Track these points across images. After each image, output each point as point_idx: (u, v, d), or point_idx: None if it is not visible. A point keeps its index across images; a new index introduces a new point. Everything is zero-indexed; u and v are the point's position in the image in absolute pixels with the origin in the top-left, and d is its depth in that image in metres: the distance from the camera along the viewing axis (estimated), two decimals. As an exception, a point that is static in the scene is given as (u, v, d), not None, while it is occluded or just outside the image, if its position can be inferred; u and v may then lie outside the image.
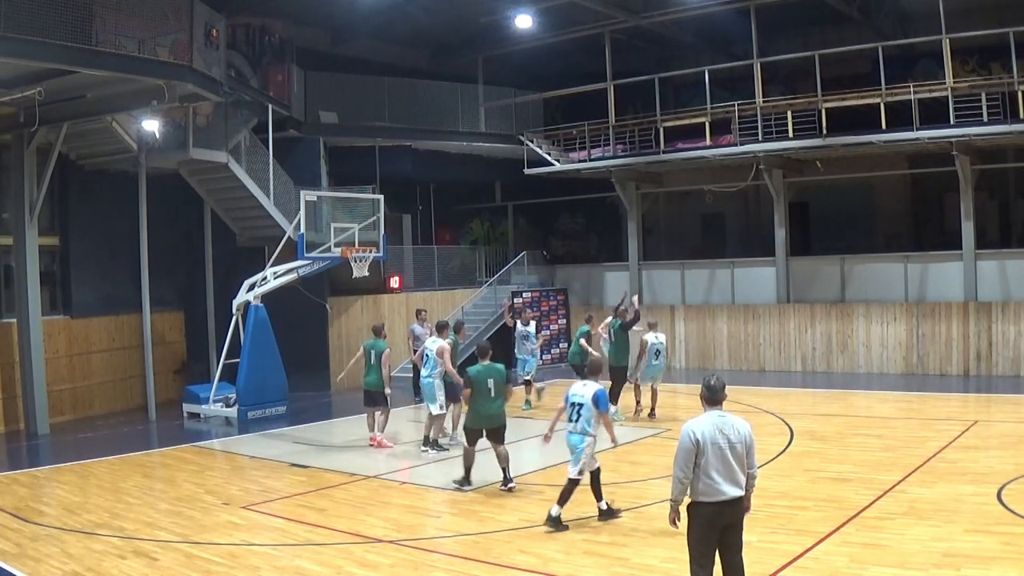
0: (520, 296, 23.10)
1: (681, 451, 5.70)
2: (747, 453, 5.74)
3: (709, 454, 5.62)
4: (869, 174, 20.90)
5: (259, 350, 16.03)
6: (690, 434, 5.67)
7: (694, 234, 25.10)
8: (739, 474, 5.69)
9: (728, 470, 5.64)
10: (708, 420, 5.73)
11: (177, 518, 9.54)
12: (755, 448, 5.83)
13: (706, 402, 5.86)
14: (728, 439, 5.66)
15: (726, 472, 5.63)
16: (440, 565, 7.75)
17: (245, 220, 19.28)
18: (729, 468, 5.64)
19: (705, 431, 5.66)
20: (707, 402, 5.85)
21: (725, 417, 5.76)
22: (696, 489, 5.69)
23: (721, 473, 5.62)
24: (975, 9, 18.73)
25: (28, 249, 15.18)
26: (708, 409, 5.82)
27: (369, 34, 21.67)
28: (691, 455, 5.64)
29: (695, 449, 5.63)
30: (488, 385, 9.93)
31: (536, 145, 22.70)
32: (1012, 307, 17.87)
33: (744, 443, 5.72)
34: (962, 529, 7.98)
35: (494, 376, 9.99)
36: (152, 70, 13.44)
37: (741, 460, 5.71)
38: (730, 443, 5.66)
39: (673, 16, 20.51)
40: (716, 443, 5.64)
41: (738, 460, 5.69)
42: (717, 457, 5.63)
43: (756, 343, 20.91)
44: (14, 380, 15.70)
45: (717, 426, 5.69)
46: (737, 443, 5.69)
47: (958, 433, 12.18)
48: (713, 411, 5.79)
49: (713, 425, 5.69)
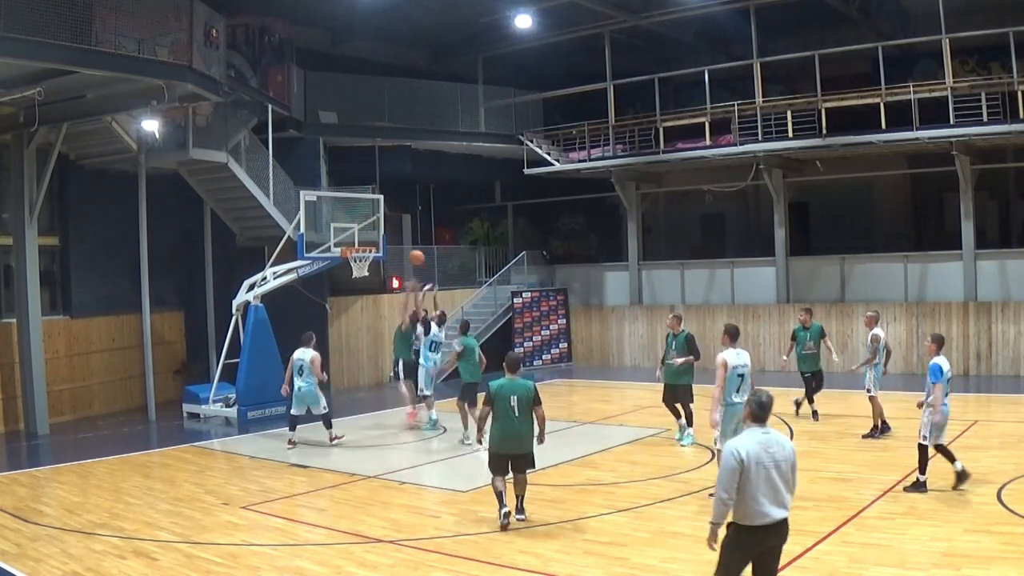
0: (520, 296, 23.11)
1: (725, 471, 5.31)
2: (791, 472, 5.40)
3: (754, 475, 5.25)
4: (869, 174, 20.91)
5: (259, 350, 16.02)
6: (734, 453, 5.30)
7: (694, 234, 25.11)
8: (785, 495, 5.34)
9: (774, 492, 5.29)
10: (753, 438, 5.37)
11: (177, 518, 9.53)
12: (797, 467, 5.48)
13: (753, 419, 5.47)
14: (774, 458, 5.31)
15: (771, 494, 5.28)
16: (440, 565, 7.75)
17: (245, 220, 19.28)
18: (775, 489, 5.29)
19: (750, 450, 5.29)
20: (754, 419, 5.47)
21: (770, 434, 5.41)
22: (740, 512, 5.32)
23: (767, 495, 5.26)
24: (975, 9, 18.75)
25: (28, 249, 15.18)
26: (752, 426, 5.46)
27: (369, 34, 21.68)
28: (736, 475, 5.25)
29: (740, 469, 5.25)
30: (511, 403, 8.65)
31: (536, 145, 22.71)
32: (1012, 307, 17.87)
33: (788, 462, 5.37)
34: (962, 529, 7.98)
35: (519, 392, 8.70)
36: (152, 70, 13.43)
37: (787, 480, 5.35)
38: (776, 463, 5.31)
39: (673, 16, 20.53)
40: (761, 463, 5.28)
41: (784, 481, 5.33)
42: (762, 478, 5.26)
43: (756, 343, 20.89)
44: (14, 380, 15.70)
45: (763, 444, 5.34)
46: (783, 462, 5.34)
47: (958, 433, 12.16)
48: (758, 428, 5.43)
49: (759, 444, 5.33)
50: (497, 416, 8.69)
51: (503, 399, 8.64)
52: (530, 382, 8.87)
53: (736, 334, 9.60)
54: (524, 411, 8.67)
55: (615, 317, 23.20)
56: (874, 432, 12.32)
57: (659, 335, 22.08)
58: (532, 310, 23.27)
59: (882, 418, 12.47)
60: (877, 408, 12.44)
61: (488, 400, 8.74)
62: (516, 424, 8.65)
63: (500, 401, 8.65)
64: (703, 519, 8.74)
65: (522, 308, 23.08)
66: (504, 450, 8.72)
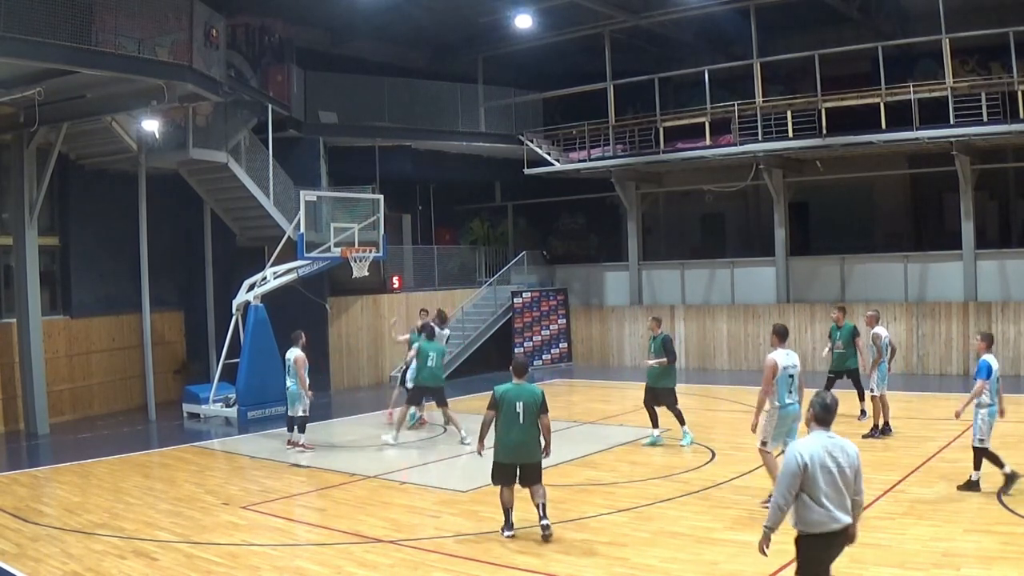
0: (520, 296, 23.12)
1: (786, 475, 5.18)
2: (855, 477, 5.27)
3: (819, 479, 5.13)
4: (869, 174, 20.90)
5: (259, 350, 16.02)
6: (797, 457, 5.15)
7: (694, 234, 25.11)
8: (848, 500, 5.23)
9: (839, 496, 5.17)
10: (817, 441, 5.23)
11: (177, 518, 9.53)
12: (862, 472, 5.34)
13: (817, 422, 5.32)
14: (838, 462, 5.19)
15: (837, 499, 5.16)
16: (440, 565, 7.75)
17: (245, 220, 19.29)
18: (840, 494, 5.18)
19: (814, 453, 5.16)
20: (818, 422, 5.32)
21: (834, 438, 5.28)
22: (807, 519, 5.17)
23: (832, 500, 5.14)
24: (975, 9, 18.74)
25: (28, 249, 15.18)
26: (816, 429, 5.32)
27: (369, 34, 21.68)
28: (797, 479, 5.12)
29: (801, 474, 5.12)
30: (516, 409, 8.20)
31: (536, 145, 22.71)
32: (1012, 307, 17.88)
33: (852, 467, 5.24)
34: (962, 529, 7.98)
35: (524, 398, 8.25)
36: (152, 70, 13.43)
37: (850, 485, 5.23)
38: (839, 467, 5.19)
39: (673, 16, 20.52)
40: (826, 467, 5.15)
41: (847, 485, 5.21)
42: (828, 482, 5.14)
43: (756, 343, 20.90)
44: (14, 380, 15.70)
45: (826, 448, 5.20)
46: (847, 467, 5.21)
47: (958, 433, 12.16)
48: (822, 432, 5.29)
49: (823, 447, 5.20)
50: (501, 423, 8.27)
51: (509, 405, 8.23)
52: (538, 388, 8.46)
53: (785, 334, 9.27)
54: (530, 418, 8.22)
55: (615, 317, 23.20)
56: (874, 432, 12.31)
57: (659, 335, 22.10)
58: (532, 310, 23.28)
59: (886, 419, 12.45)
60: (878, 408, 12.41)
61: (492, 405, 8.33)
62: (521, 432, 8.22)
63: (505, 407, 8.24)
64: (703, 519, 8.79)
65: (522, 308, 23.09)
66: (508, 459, 8.29)
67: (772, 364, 8.94)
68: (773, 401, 8.99)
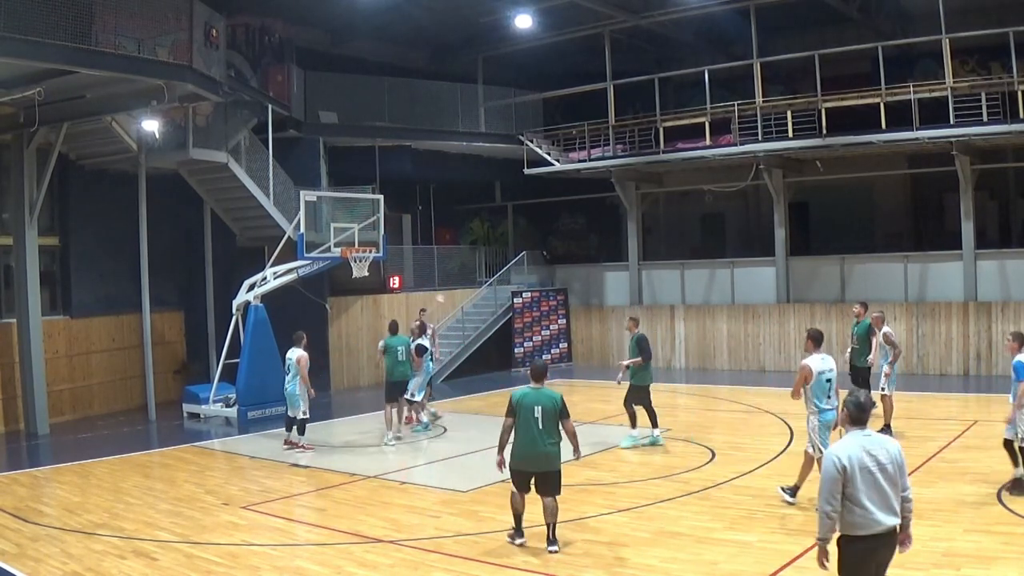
0: (520, 296, 23.12)
1: (827, 481, 5.06)
2: (899, 474, 5.13)
3: (859, 480, 4.99)
4: (869, 174, 20.90)
5: (259, 350, 16.03)
6: (835, 460, 5.03)
7: (694, 234, 25.11)
8: (893, 500, 5.06)
9: (882, 496, 5.02)
10: (854, 442, 5.11)
11: (177, 518, 9.54)
12: (906, 468, 5.21)
13: (852, 422, 5.21)
14: (877, 460, 5.05)
15: (880, 499, 5.01)
16: (440, 565, 7.75)
17: (245, 220, 19.29)
18: (883, 494, 5.02)
19: (852, 455, 5.03)
20: (853, 422, 5.21)
21: (871, 436, 5.15)
22: (848, 522, 5.04)
23: (874, 501, 5.00)
24: (975, 9, 18.74)
25: (28, 249, 15.19)
26: (851, 429, 5.20)
27: (369, 34, 21.67)
28: (838, 484, 4.99)
29: (842, 477, 4.99)
30: (535, 414, 7.85)
31: (536, 145, 22.71)
32: (1012, 307, 17.87)
33: (895, 463, 5.10)
34: (962, 529, 7.98)
35: (543, 403, 7.90)
36: (152, 70, 13.43)
37: (894, 483, 5.08)
38: (880, 465, 5.05)
39: (673, 16, 20.51)
40: (865, 467, 5.02)
41: (891, 484, 5.06)
42: (868, 483, 5.00)
43: (756, 343, 20.91)
44: (14, 380, 15.71)
45: (864, 447, 5.07)
46: (888, 464, 5.07)
47: (958, 433, 12.18)
48: (857, 431, 5.17)
49: (860, 447, 5.07)
50: (519, 429, 7.94)
51: (526, 410, 7.90)
52: (557, 393, 8.07)
53: (820, 339, 9.08)
54: (549, 424, 7.88)
55: (615, 317, 23.18)
56: (884, 430, 12.26)
57: (659, 335, 22.13)
58: (532, 310, 23.27)
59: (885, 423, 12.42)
60: (889, 406, 12.36)
61: (510, 411, 8.00)
62: (539, 439, 7.87)
63: (523, 412, 7.91)
64: (703, 519, 8.79)
65: (522, 308, 23.08)
66: (525, 467, 7.98)
67: (806, 369, 8.71)
68: (810, 406, 8.83)
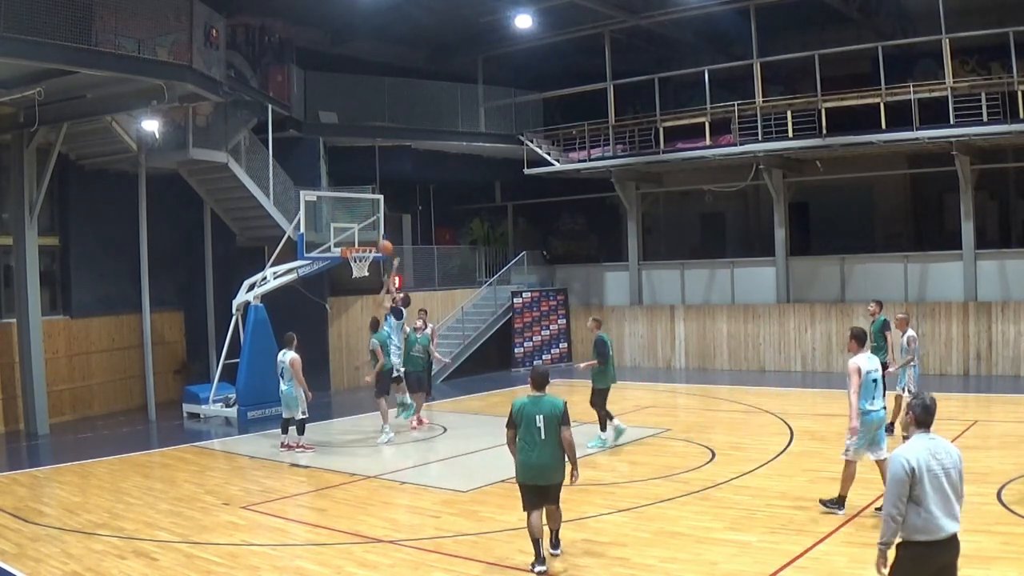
0: (520, 296, 23.13)
1: (895, 484, 4.89)
2: (960, 481, 5.00)
3: (926, 484, 4.85)
4: (869, 174, 20.90)
5: (259, 350, 16.01)
6: (904, 463, 4.87)
7: (694, 234, 25.11)
8: (955, 506, 4.94)
9: (945, 502, 4.89)
10: (921, 445, 4.96)
11: (177, 518, 9.54)
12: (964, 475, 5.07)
13: (918, 425, 5.06)
14: (943, 465, 4.91)
15: (943, 504, 4.88)
16: (440, 565, 7.75)
17: (245, 220, 19.29)
18: (946, 499, 4.89)
19: (920, 458, 4.88)
20: (919, 424, 5.06)
21: (936, 440, 5.01)
22: (911, 525, 4.88)
23: (939, 505, 4.86)
24: (975, 9, 18.75)
25: (28, 249, 15.18)
26: (917, 432, 5.06)
27: (369, 34, 21.68)
28: (906, 487, 4.84)
29: (910, 480, 4.84)
30: (536, 423, 7.37)
31: (536, 145, 22.71)
32: (1012, 307, 17.87)
33: (957, 468, 4.97)
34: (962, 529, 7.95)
35: (544, 412, 7.42)
36: (152, 70, 13.43)
37: (956, 489, 4.94)
38: (945, 470, 4.91)
39: (673, 16, 20.52)
40: (932, 471, 4.88)
41: (954, 489, 4.92)
42: (934, 487, 4.86)
43: (756, 343, 20.91)
44: (14, 380, 15.70)
45: (931, 451, 4.93)
46: (952, 469, 4.93)
47: (958, 433, 12.18)
48: (923, 434, 5.03)
49: (927, 450, 4.92)
50: (522, 441, 7.46)
51: (528, 420, 7.42)
52: (560, 400, 7.53)
53: (864, 339, 8.76)
54: (552, 434, 7.38)
55: (615, 317, 23.18)
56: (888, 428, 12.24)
57: (659, 335, 22.14)
58: (532, 310, 23.27)
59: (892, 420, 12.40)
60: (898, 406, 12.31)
61: (510, 422, 7.53)
62: (543, 450, 7.39)
63: (525, 422, 7.43)
64: (703, 519, 8.79)
65: (522, 308, 23.08)
66: (531, 480, 7.48)
67: (857, 368, 8.52)
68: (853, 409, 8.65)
